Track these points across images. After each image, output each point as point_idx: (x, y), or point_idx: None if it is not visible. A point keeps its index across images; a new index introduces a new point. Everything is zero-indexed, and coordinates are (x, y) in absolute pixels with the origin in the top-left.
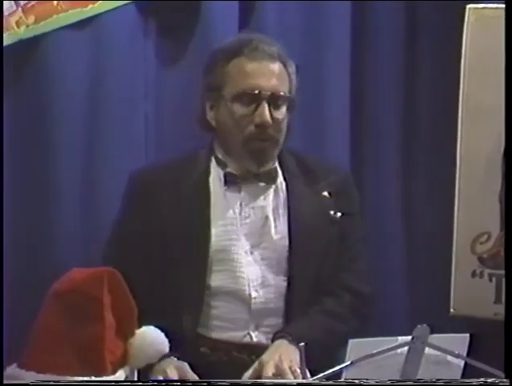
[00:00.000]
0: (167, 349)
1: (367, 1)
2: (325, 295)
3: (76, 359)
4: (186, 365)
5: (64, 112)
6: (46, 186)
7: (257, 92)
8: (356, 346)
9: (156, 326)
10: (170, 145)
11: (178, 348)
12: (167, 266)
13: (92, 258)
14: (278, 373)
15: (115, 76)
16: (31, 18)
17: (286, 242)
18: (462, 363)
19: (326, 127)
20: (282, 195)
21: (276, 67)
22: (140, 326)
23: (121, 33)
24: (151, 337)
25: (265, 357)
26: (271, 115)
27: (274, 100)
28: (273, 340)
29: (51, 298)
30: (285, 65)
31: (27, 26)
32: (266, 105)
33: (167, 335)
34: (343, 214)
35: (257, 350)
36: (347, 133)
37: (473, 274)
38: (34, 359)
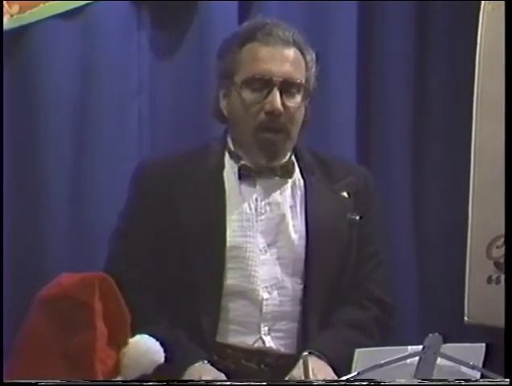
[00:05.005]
0: (162, 359)
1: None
2: (350, 305)
3: (64, 370)
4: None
5: (53, 108)
6: (34, 185)
7: (267, 77)
8: (363, 356)
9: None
10: (164, 142)
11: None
12: (179, 265)
13: (82, 262)
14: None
15: (107, 69)
16: (15, 8)
17: (304, 242)
18: (478, 374)
19: (332, 125)
20: (300, 192)
21: (291, 53)
22: (150, 331)
23: (113, 23)
24: (146, 346)
25: (295, 373)
26: (283, 103)
27: (286, 87)
28: (298, 358)
29: (39, 305)
30: (302, 52)
31: (11, 15)
32: (277, 92)
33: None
34: (361, 216)
35: (267, 357)
36: (353, 131)
37: (489, 280)
38: (19, 369)
